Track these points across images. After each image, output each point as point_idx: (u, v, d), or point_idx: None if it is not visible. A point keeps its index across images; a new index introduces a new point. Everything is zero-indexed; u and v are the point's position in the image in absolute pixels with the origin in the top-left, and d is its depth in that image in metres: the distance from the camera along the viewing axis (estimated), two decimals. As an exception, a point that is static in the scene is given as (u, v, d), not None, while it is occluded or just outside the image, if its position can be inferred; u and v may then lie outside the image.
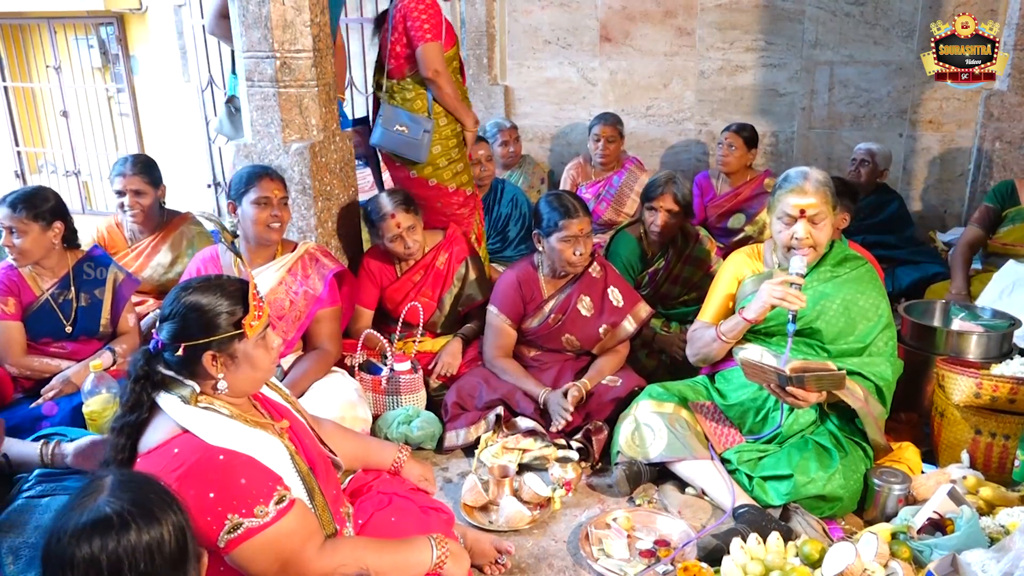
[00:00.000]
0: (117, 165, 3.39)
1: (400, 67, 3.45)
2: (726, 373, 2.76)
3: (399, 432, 2.82)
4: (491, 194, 4.20)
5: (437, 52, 3.36)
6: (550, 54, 5.38)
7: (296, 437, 1.86)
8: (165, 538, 1.23)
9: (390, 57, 3.45)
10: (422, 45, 3.35)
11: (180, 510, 1.28)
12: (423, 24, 3.34)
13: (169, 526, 1.24)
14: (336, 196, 3.32)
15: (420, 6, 3.35)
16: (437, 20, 3.37)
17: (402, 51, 3.42)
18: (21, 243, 2.74)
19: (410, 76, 3.44)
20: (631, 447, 2.61)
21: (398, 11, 3.40)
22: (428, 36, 3.34)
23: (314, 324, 2.84)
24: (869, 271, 2.70)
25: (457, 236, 3.40)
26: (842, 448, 2.48)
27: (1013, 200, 3.71)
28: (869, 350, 2.58)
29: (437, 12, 3.40)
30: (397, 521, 1.97)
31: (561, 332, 3.02)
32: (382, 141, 3.45)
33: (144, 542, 1.20)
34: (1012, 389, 2.52)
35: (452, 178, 3.51)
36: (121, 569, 1.18)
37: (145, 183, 3.35)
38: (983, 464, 2.56)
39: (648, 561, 2.23)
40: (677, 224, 3.40)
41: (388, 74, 3.49)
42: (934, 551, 2.09)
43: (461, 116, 3.51)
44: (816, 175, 2.59)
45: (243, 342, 1.69)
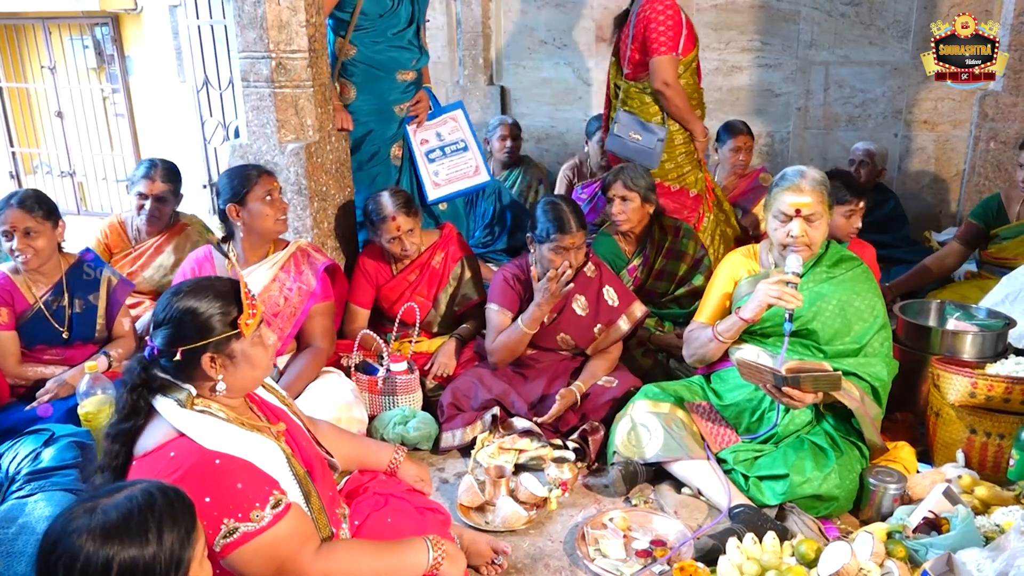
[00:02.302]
0: (143, 167, 3.37)
1: (635, 72, 3.61)
2: (722, 373, 2.76)
3: (395, 433, 2.82)
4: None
5: (669, 65, 3.49)
6: (546, 54, 5.39)
7: (292, 439, 1.85)
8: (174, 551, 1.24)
9: (627, 62, 3.60)
10: (656, 57, 3.48)
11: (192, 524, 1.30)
12: (660, 36, 3.47)
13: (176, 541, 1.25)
14: (332, 196, 3.32)
15: (661, 16, 3.46)
16: (676, 32, 3.47)
17: (639, 58, 3.57)
18: (38, 243, 2.73)
19: (646, 81, 3.58)
20: (627, 447, 2.62)
21: (640, 19, 3.52)
22: (663, 49, 3.47)
23: (308, 320, 2.84)
24: (865, 272, 2.71)
25: (452, 236, 3.39)
26: (838, 448, 2.48)
27: (1001, 217, 3.67)
28: (865, 351, 2.58)
29: (678, 23, 3.49)
30: (393, 522, 1.97)
31: (556, 331, 3.02)
32: (615, 148, 3.61)
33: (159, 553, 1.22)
34: (1007, 388, 2.53)
35: (676, 179, 3.66)
36: None
37: (170, 192, 3.36)
38: (978, 463, 2.56)
39: (644, 561, 2.23)
40: (643, 213, 3.38)
41: (625, 76, 3.62)
42: (930, 550, 2.09)
43: (690, 126, 3.62)
44: (813, 174, 2.59)
45: (240, 341, 1.69)
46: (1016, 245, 3.56)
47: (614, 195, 3.36)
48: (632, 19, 3.56)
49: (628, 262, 3.48)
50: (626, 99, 3.60)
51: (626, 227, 3.39)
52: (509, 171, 4.81)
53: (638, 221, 3.38)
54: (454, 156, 3.79)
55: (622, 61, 3.59)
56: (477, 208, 4.23)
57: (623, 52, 3.60)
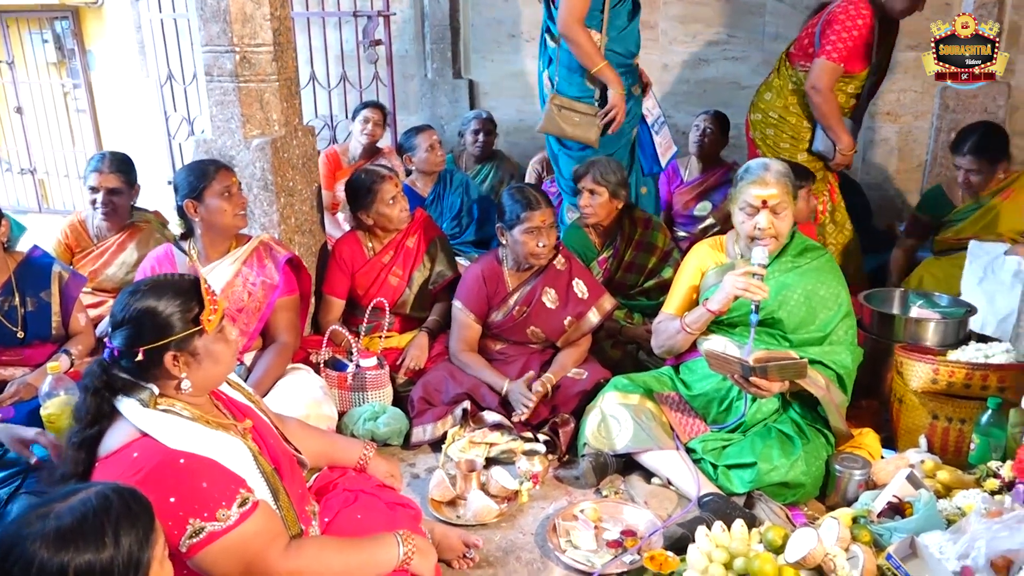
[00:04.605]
0: (93, 161, 3.31)
1: (798, 55, 3.58)
2: (691, 364, 2.79)
3: (365, 429, 2.81)
4: (440, 183, 4.21)
5: (828, 72, 3.45)
6: (514, 48, 5.38)
7: (260, 437, 1.84)
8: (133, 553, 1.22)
9: (797, 44, 3.61)
10: (818, 59, 3.45)
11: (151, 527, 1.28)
12: (834, 38, 3.42)
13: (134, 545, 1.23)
14: (299, 192, 3.29)
15: (848, 23, 3.39)
16: (852, 45, 3.41)
17: (807, 44, 3.53)
18: None
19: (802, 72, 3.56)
20: (597, 439, 2.63)
21: (831, 13, 3.46)
22: (829, 53, 3.42)
23: (273, 314, 2.82)
24: (829, 261, 2.75)
25: (425, 217, 3.46)
26: (804, 435, 2.52)
27: (945, 205, 3.76)
28: (830, 339, 2.62)
29: (857, 38, 3.42)
30: (363, 518, 1.96)
31: (526, 324, 3.03)
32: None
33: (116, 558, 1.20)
34: (967, 374, 2.58)
35: None
36: None
37: (121, 182, 3.29)
38: (940, 448, 2.61)
39: (615, 551, 2.25)
40: (611, 208, 3.39)
41: (788, 56, 3.65)
42: (893, 534, 2.13)
43: (833, 134, 3.58)
44: (777, 166, 2.62)
45: (203, 338, 1.67)
46: (972, 224, 3.64)
47: (583, 187, 3.37)
48: (827, 10, 3.51)
49: (598, 254, 3.49)
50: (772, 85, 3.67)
51: (592, 220, 3.40)
52: (482, 165, 4.80)
53: (606, 215, 3.39)
54: (663, 127, 3.92)
55: (797, 44, 3.60)
56: (444, 200, 4.23)
57: (803, 34, 3.60)
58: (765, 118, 3.73)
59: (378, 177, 3.26)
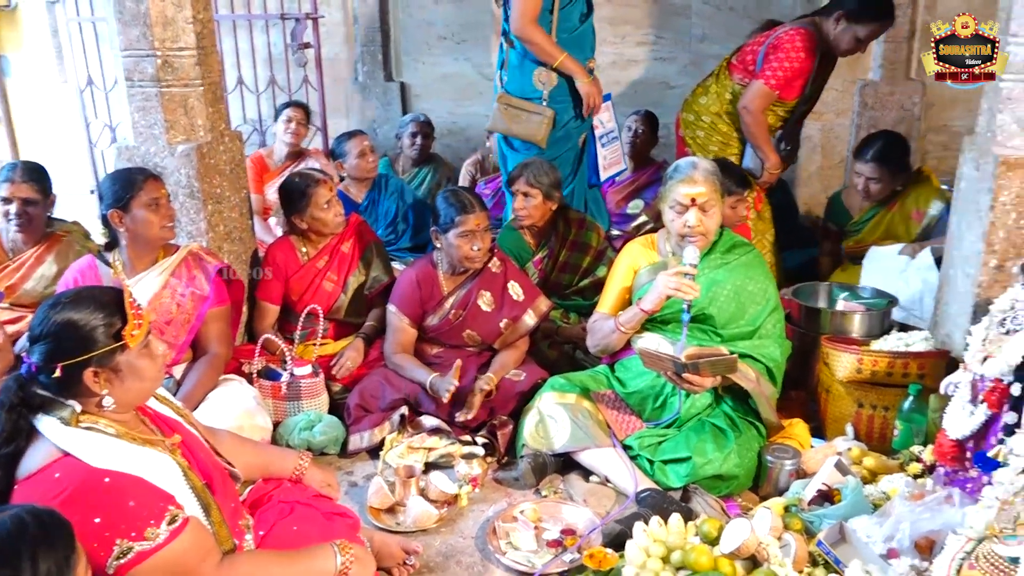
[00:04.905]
0: (4, 171, 3.16)
1: (739, 69, 3.64)
2: (626, 362, 2.82)
3: (301, 438, 2.77)
4: (375, 188, 4.17)
5: (762, 96, 3.51)
6: (445, 50, 5.37)
7: (189, 451, 1.80)
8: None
9: (739, 55, 3.66)
10: (757, 81, 3.52)
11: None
12: (776, 65, 3.47)
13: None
14: (227, 198, 3.22)
15: (791, 52, 3.45)
16: (791, 75, 3.48)
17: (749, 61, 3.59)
18: None
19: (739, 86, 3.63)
20: (536, 439, 2.65)
21: (776, 39, 3.50)
22: (768, 78, 3.48)
23: (204, 326, 2.76)
24: (757, 257, 2.82)
25: (360, 222, 3.43)
26: (737, 428, 2.58)
27: (842, 213, 3.90)
28: (759, 333, 2.69)
29: (797, 69, 3.48)
30: (300, 530, 1.93)
31: (462, 328, 3.03)
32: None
33: None
34: (889, 363, 2.67)
35: None
36: None
37: (35, 191, 3.15)
38: (866, 435, 2.70)
39: (555, 551, 2.26)
40: (545, 210, 3.41)
41: (729, 66, 3.69)
42: (823, 521, 2.20)
43: (761, 153, 3.66)
44: (705, 165, 2.68)
45: (125, 353, 1.62)
46: (870, 232, 3.77)
47: (517, 190, 3.38)
48: (774, 33, 3.57)
49: (533, 255, 3.51)
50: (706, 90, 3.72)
51: (527, 222, 3.41)
52: (419, 168, 4.78)
53: (540, 217, 3.41)
54: (613, 143, 3.92)
55: (739, 56, 3.66)
56: (379, 206, 4.19)
57: (747, 48, 3.66)
58: (697, 120, 3.80)
59: (312, 181, 3.22)
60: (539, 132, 3.55)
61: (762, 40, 3.59)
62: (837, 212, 3.95)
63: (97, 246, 3.15)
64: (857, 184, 3.73)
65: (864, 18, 3.42)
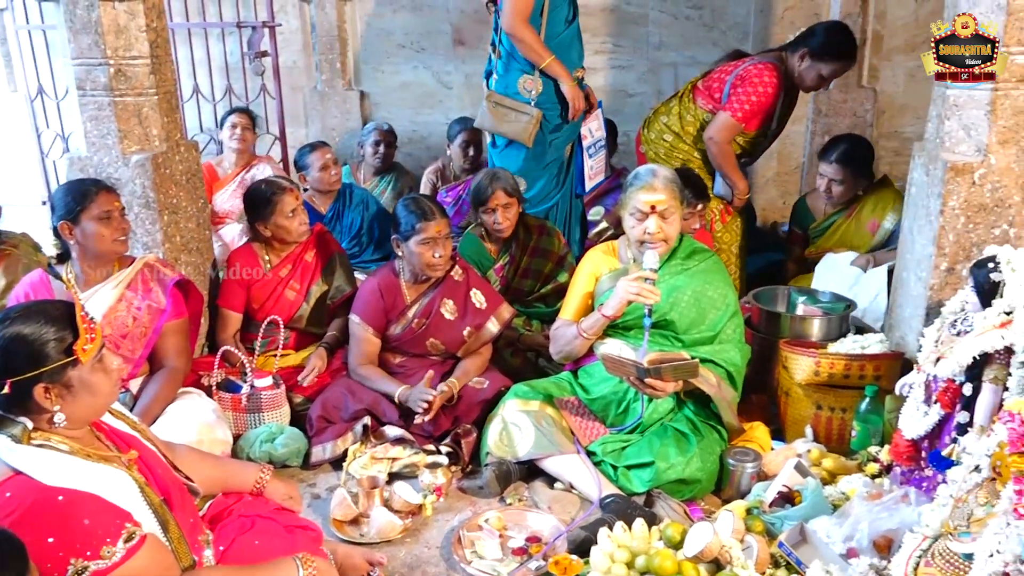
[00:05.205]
0: None
1: (704, 95, 3.68)
2: (588, 368, 2.83)
3: (262, 451, 2.73)
4: (340, 200, 4.13)
5: (728, 128, 3.56)
6: (404, 58, 5.35)
7: (146, 467, 1.76)
8: None
9: (705, 82, 3.70)
10: (723, 112, 3.56)
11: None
12: (743, 98, 3.53)
13: None
14: (183, 209, 3.18)
15: (758, 87, 3.51)
16: (756, 109, 3.53)
17: (715, 88, 3.63)
18: None
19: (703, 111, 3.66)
20: (500, 447, 2.64)
21: (743, 72, 3.56)
22: (735, 111, 3.53)
23: (161, 339, 2.71)
24: (716, 263, 2.85)
25: (324, 232, 3.42)
26: (699, 432, 2.60)
27: (807, 217, 3.97)
28: (719, 338, 2.72)
29: (763, 103, 3.54)
30: (261, 544, 1.90)
31: (425, 337, 3.01)
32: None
33: None
34: (846, 365, 2.72)
35: None
36: None
37: None
38: (824, 437, 2.74)
39: (521, 559, 2.26)
40: (517, 216, 3.44)
41: (694, 91, 3.73)
42: (784, 522, 2.23)
43: (731, 181, 3.70)
44: (664, 172, 2.71)
45: (77, 369, 1.58)
46: (825, 240, 3.84)
47: (497, 204, 3.35)
48: (741, 65, 3.63)
49: (494, 262, 3.51)
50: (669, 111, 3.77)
51: (508, 233, 3.42)
52: (381, 177, 4.75)
53: (514, 223, 3.43)
54: (600, 152, 3.93)
55: (705, 82, 3.72)
56: (344, 219, 4.15)
57: (713, 75, 3.71)
58: (659, 138, 3.82)
59: (278, 188, 3.20)
60: (525, 132, 3.59)
61: (729, 70, 3.67)
62: (802, 215, 4.00)
63: (47, 258, 3.08)
64: (820, 185, 3.79)
65: (828, 57, 3.53)
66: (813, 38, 3.57)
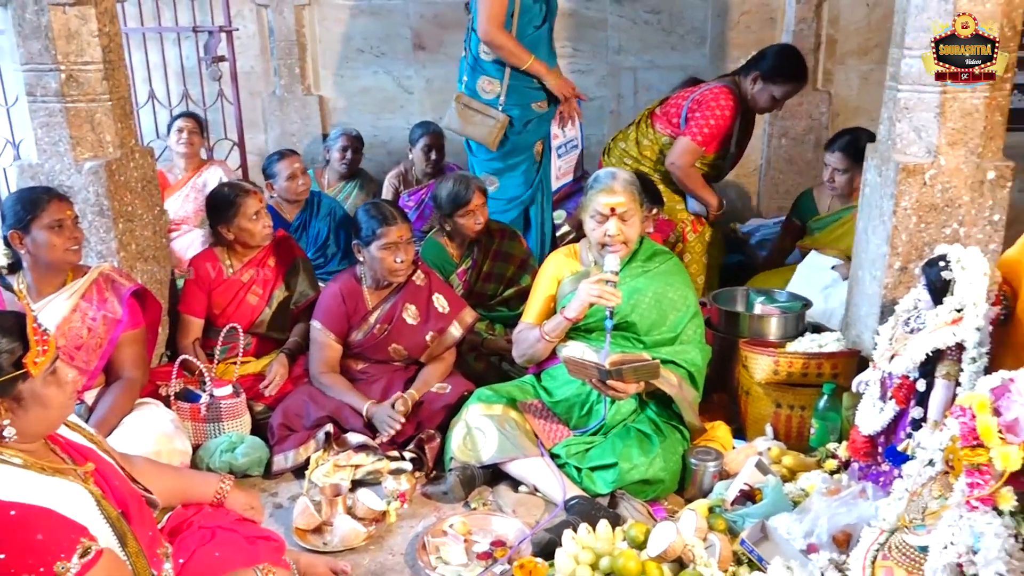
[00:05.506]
0: None
1: (663, 120, 3.78)
2: (551, 371, 2.84)
3: (223, 461, 2.69)
4: (307, 209, 4.09)
5: (689, 152, 3.68)
6: (364, 63, 5.32)
7: (103, 479, 1.72)
8: None
9: (663, 107, 3.81)
10: (683, 137, 3.67)
11: None
12: (701, 124, 3.64)
13: None
14: (139, 216, 3.13)
15: (719, 111, 3.62)
16: (714, 132, 3.65)
17: (673, 114, 3.74)
18: None
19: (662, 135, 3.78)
20: (463, 452, 2.64)
21: (699, 97, 3.66)
22: (694, 135, 3.64)
23: (117, 350, 2.66)
24: (676, 264, 2.88)
25: (287, 237, 3.41)
26: (661, 433, 2.62)
27: (811, 209, 4.00)
28: (680, 339, 2.74)
29: (720, 126, 3.65)
30: (221, 556, 1.88)
31: (388, 342, 3.00)
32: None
33: None
34: (804, 364, 2.77)
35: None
36: None
37: None
38: (784, 435, 2.78)
39: (486, 563, 2.26)
40: None
41: (652, 116, 3.83)
42: (746, 520, 2.25)
43: (703, 200, 3.79)
44: (624, 175, 2.73)
45: (28, 382, 1.55)
46: (826, 235, 3.89)
47: (476, 206, 3.36)
48: (698, 90, 3.73)
49: (457, 266, 3.51)
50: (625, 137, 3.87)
51: (483, 227, 3.43)
52: (346, 182, 4.72)
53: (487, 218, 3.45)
54: (571, 152, 3.96)
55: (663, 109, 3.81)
56: (310, 228, 4.10)
57: (670, 101, 3.81)
58: (620, 163, 3.88)
59: (241, 191, 3.18)
60: (490, 136, 3.63)
61: (686, 95, 3.77)
62: (806, 207, 4.03)
63: (-2, 268, 3.01)
64: (825, 175, 3.84)
65: (779, 79, 3.66)
66: (764, 61, 3.71)
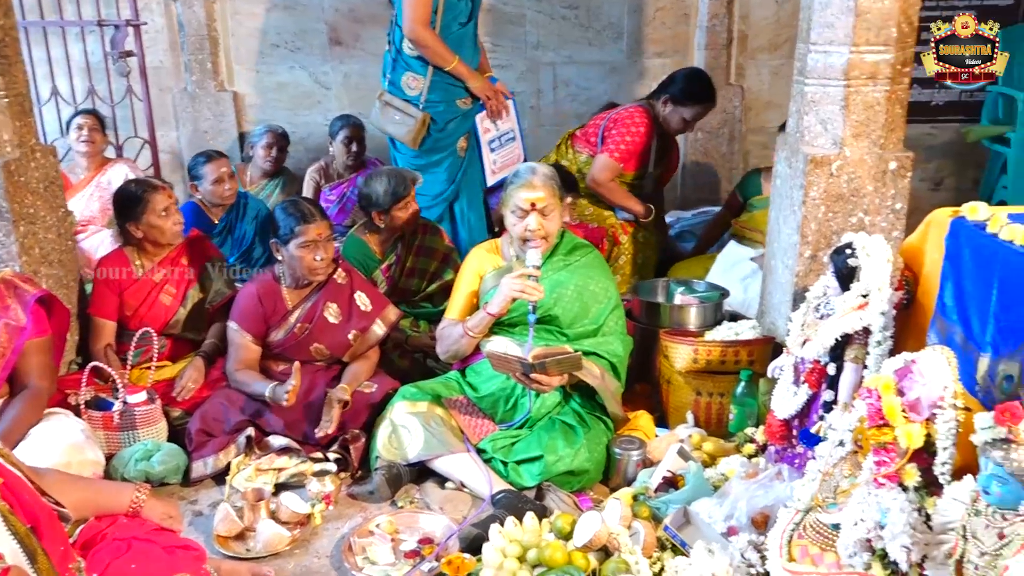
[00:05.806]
0: None
1: (582, 141, 3.95)
2: (476, 366, 2.85)
3: (138, 470, 2.60)
4: (234, 211, 3.97)
5: (608, 168, 3.80)
6: (279, 58, 5.21)
7: (11, 493, 1.65)
8: None
9: (583, 130, 3.97)
10: (601, 155, 3.81)
11: None
12: (618, 140, 3.78)
13: None
14: (42, 219, 2.99)
15: (634, 128, 3.78)
16: (634, 149, 3.79)
17: (591, 134, 3.90)
18: None
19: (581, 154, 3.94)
20: (389, 450, 2.62)
21: (615, 116, 3.83)
22: (612, 152, 3.79)
23: (21, 359, 2.53)
24: (597, 257, 2.92)
25: (200, 236, 3.34)
26: (585, 424, 2.65)
27: (753, 190, 4.12)
28: (602, 330, 2.79)
29: (636, 144, 3.79)
30: (138, 568, 1.82)
31: (309, 342, 2.95)
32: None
33: None
34: (722, 352, 2.84)
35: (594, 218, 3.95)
36: None
37: None
38: (704, 421, 2.85)
39: (413, 561, 2.25)
40: None
41: (572, 138, 3.99)
42: (669, 506, 2.30)
43: (629, 210, 3.89)
44: (543, 170, 2.76)
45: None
46: (762, 216, 3.98)
47: (408, 203, 3.34)
48: (613, 111, 3.90)
49: (380, 263, 3.47)
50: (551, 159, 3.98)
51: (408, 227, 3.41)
52: (269, 179, 4.61)
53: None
54: (507, 145, 3.94)
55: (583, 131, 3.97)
56: (235, 231, 3.98)
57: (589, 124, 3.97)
58: None
59: (149, 187, 3.08)
60: (409, 135, 3.62)
61: (603, 117, 3.92)
62: (750, 186, 4.13)
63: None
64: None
65: (688, 101, 3.84)
66: (673, 85, 3.88)
